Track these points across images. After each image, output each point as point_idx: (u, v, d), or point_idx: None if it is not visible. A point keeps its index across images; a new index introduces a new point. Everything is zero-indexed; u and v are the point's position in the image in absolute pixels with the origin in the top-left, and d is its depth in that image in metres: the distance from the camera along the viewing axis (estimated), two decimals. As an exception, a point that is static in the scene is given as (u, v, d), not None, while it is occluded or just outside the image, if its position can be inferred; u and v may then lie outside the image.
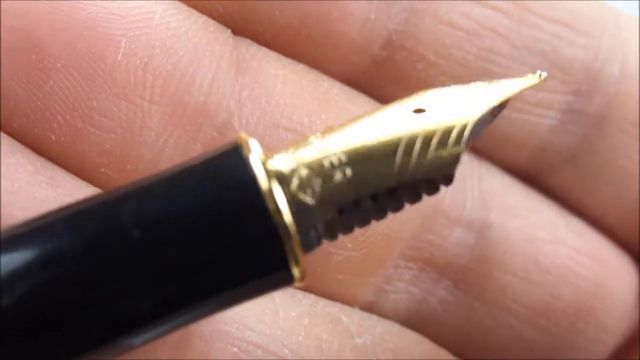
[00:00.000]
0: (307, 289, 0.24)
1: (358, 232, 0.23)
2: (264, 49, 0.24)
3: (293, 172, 0.18)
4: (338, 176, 0.18)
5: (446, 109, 0.19)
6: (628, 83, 0.27)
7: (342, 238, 0.22)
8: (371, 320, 0.25)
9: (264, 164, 0.18)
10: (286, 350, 0.23)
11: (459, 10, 0.25)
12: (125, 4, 0.22)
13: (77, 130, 0.21)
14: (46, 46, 0.21)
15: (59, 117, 0.21)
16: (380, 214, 0.19)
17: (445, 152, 0.18)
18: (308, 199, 0.18)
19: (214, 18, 0.24)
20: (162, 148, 0.22)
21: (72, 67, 0.21)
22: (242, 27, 0.24)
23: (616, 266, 0.28)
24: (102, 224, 0.18)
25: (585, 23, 0.27)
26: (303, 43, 0.24)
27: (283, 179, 0.18)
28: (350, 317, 0.24)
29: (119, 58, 0.21)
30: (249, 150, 0.18)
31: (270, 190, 0.17)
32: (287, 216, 0.17)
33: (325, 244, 0.20)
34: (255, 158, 0.18)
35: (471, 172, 0.27)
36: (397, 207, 0.19)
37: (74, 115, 0.21)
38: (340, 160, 0.18)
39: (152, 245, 0.17)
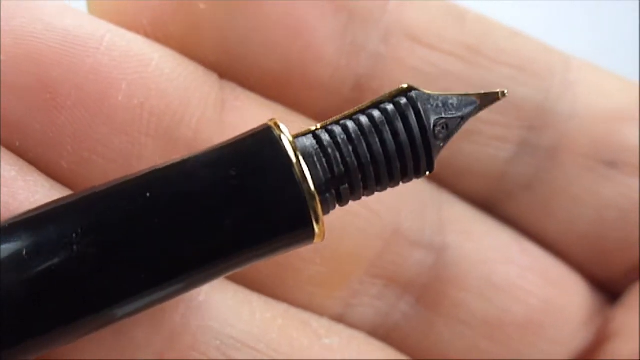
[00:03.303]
0: (280, 299, 0.29)
1: (325, 247, 0.28)
2: (247, 92, 0.29)
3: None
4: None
5: None
6: (578, 119, 0.32)
7: (310, 254, 0.27)
8: (338, 327, 0.29)
9: (290, 140, 0.23)
10: (261, 345, 0.27)
11: (419, 55, 0.30)
12: (126, 52, 0.26)
13: (84, 158, 0.26)
14: (58, 87, 0.26)
15: (68, 147, 0.26)
16: (366, 143, 0.23)
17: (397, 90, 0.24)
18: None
19: (204, 65, 0.29)
20: None
21: (80, 105, 0.26)
22: (228, 72, 0.29)
23: (567, 285, 0.32)
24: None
25: (534, 66, 0.31)
26: (282, 86, 0.29)
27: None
28: (319, 322, 0.29)
29: (120, 98, 0.26)
30: (280, 130, 0.23)
31: (298, 162, 0.22)
32: (311, 182, 0.22)
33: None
34: (285, 136, 0.23)
35: (431, 201, 0.31)
36: (377, 128, 0.23)
37: (81, 146, 0.26)
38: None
39: (198, 208, 0.22)
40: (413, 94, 0.24)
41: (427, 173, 0.24)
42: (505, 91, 0.25)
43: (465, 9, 0.32)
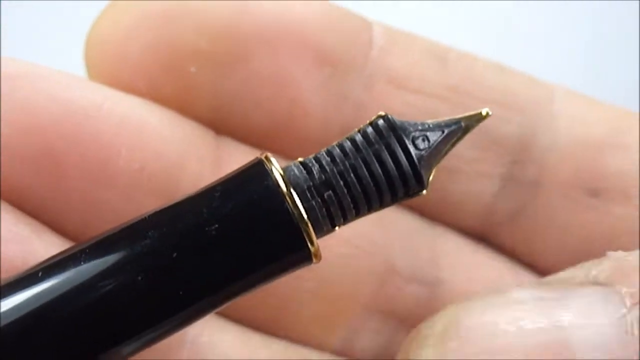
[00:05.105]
0: (280, 337, 0.31)
1: (322, 289, 0.30)
2: (243, 146, 0.31)
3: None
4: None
5: None
6: (559, 151, 0.33)
7: (308, 297, 0.29)
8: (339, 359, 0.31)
9: (280, 172, 0.25)
10: None
11: (403, 100, 0.32)
12: (125, 118, 0.29)
13: (89, 222, 0.28)
14: (62, 157, 0.28)
15: (74, 212, 0.28)
16: (355, 164, 0.25)
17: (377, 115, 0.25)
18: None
19: (200, 117, 0.31)
20: None
21: (83, 172, 0.28)
22: (224, 129, 0.31)
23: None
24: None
25: (517, 101, 0.33)
26: (272, 140, 0.31)
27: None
28: (319, 358, 0.31)
29: (120, 163, 0.28)
30: (270, 162, 0.25)
31: (289, 191, 0.24)
32: (302, 208, 0.24)
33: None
34: (275, 168, 0.25)
35: (424, 236, 0.33)
36: (357, 148, 0.25)
37: (86, 210, 0.28)
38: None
39: (195, 246, 0.24)
40: (390, 116, 0.25)
41: (421, 190, 0.25)
42: (489, 111, 0.26)
43: (447, 47, 0.33)
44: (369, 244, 0.31)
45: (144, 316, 0.24)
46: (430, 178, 0.25)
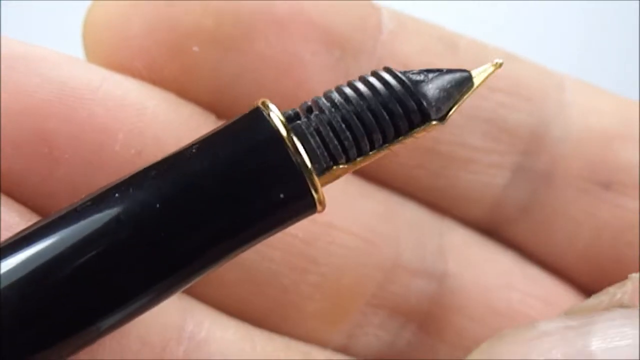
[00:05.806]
0: (282, 334, 0.30)
1: (325, 283, 0.29)
2: None
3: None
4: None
5: None
6: (571, 141, 0.32)
7: (310, 291, 0.28)
8: (341, 357, 0.30)
9: (279, 117, 0.24)
10: None
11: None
12: (121, 101, 0.27)
13: None
14: (55, 140, 0.26)
15: (67, 198, 0.27)
16: (355, 105, 0.24)
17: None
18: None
19: (201, 100, 0.29)
20: None
21: (77, 157, 0.27)
22: (225, 113, 0.29)
23: (568, 307, 0.33)
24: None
25: (527, 90, 0.32)
26: None
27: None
28: (322, 354, 0.30)
29: (116, 148, 0.27)
30: (268, 108, 0.24)
31: (290, 136, 0.23)
32: (304, 154, 0.23)
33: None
34: (274, 113, 0.24)
35: (431, 228, 0.32)
36: (357, 91, 0.24)
37: (78, 194, 0.27)
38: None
39: (190, 197, 0.23)
40: (390, 67, 0.25)
41: (423, 117, 0.24)
42: (500, 60, 0.25)
43: (457, 34, 0.32)
44: (374, 236, 0.30)
45: (144, 274, 0.23)
46: (451, 113, 0.25)
